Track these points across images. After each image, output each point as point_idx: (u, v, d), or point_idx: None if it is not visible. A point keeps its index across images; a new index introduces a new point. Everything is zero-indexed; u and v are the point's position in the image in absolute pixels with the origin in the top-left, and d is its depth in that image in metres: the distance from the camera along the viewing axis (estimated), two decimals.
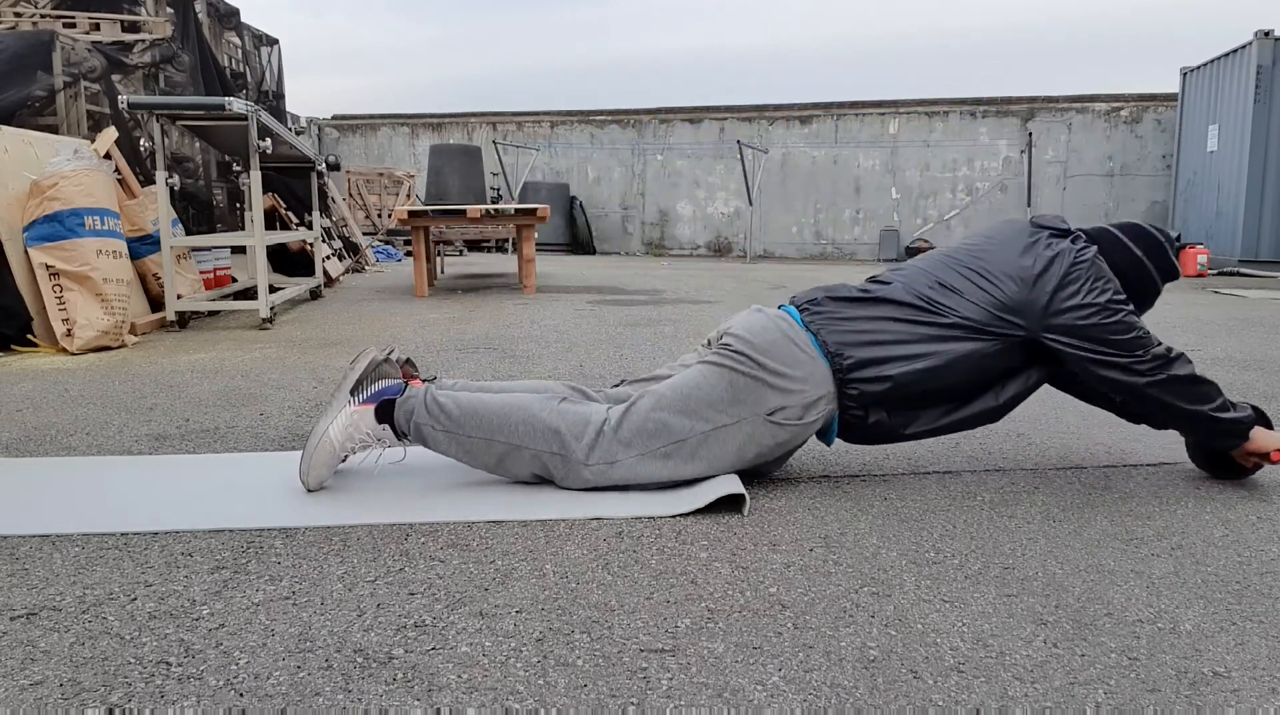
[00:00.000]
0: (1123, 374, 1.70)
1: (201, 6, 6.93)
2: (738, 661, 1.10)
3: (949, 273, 1.79)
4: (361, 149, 13.83)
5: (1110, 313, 1.69)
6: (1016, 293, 1.72)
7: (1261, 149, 8.98)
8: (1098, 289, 1.70)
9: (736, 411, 1.68)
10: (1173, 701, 1.02)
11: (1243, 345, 3.89)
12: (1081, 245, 1.76)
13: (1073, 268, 1.72)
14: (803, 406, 1.69)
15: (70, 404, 2.57)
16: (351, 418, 1.71)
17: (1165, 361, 1.70)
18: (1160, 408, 1.72)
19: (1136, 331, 1.70)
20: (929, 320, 1.73)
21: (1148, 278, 1.82)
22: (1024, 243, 1.78)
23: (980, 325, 1.72)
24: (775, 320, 1.76)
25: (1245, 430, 1.74)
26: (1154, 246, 1.82)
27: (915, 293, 1.77)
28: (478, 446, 1.71)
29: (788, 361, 1.69)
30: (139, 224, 4.37)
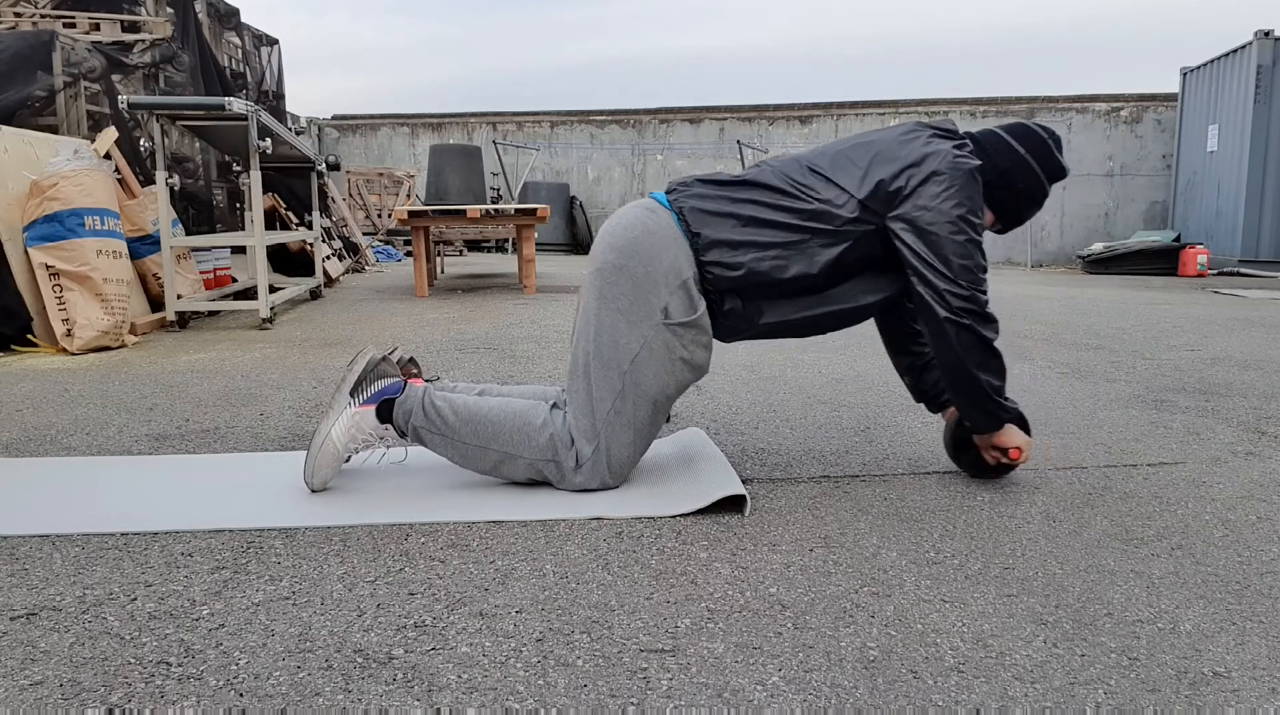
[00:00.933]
0: (934, 297, 1.68)
1: (201, 6, 6.93)
2: (738, 661, 1.10)
3: (823, 158, 1.78)
4: (361, 149, 13.83)
5: (956, 227, 1.67)
6: (882, 179, 1.69)
7: (1261, 149, 8.98)
8: (956, 200, 1.67)
9: (637, 333, 1.68)
10: (1173, 701, 1.02)
11: (1243, 345, 3.89)
12: (963, 155, 1.72)
13: (943, 171, 1.69)
14: (683, 295, 1.68)
15: (70, 404, 2.57)
16: (353, 419, 1.71)
17: (977, 313, 1.68)
18: (948, 353, 1.70)
19: (972, 263, 1.68)
20: (790, 204, 1.71)
21: (1033, 177, 1.79)
22: (903, 135, 1.77)
23: (840, 211, 1.70)
24: (634, 211, 1.76)
25: (1003, 419, 1.76)
26: (1038, 145, 1.79)
27: (783, 175, 1.75)
28: (473, 452, 1.72)
29: (650, 254, 1.69)
30: (139, 224, 4.37)
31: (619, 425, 1.69)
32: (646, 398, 1.69)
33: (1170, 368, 3.27)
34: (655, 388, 1.70)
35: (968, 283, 1.67)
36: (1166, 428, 2.34)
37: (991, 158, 1.78)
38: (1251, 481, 1.87)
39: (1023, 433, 1.80)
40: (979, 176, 1.72)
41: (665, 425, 2.33)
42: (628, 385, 1.68)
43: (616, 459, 1.70)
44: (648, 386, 1.69)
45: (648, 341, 1.68)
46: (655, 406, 1.71)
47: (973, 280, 1.68)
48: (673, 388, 1.72)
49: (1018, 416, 1.79)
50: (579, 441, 1.69)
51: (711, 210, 1.72)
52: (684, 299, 1.69)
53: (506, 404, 1.74)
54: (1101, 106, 11.85)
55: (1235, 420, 2.42)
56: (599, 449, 1.69)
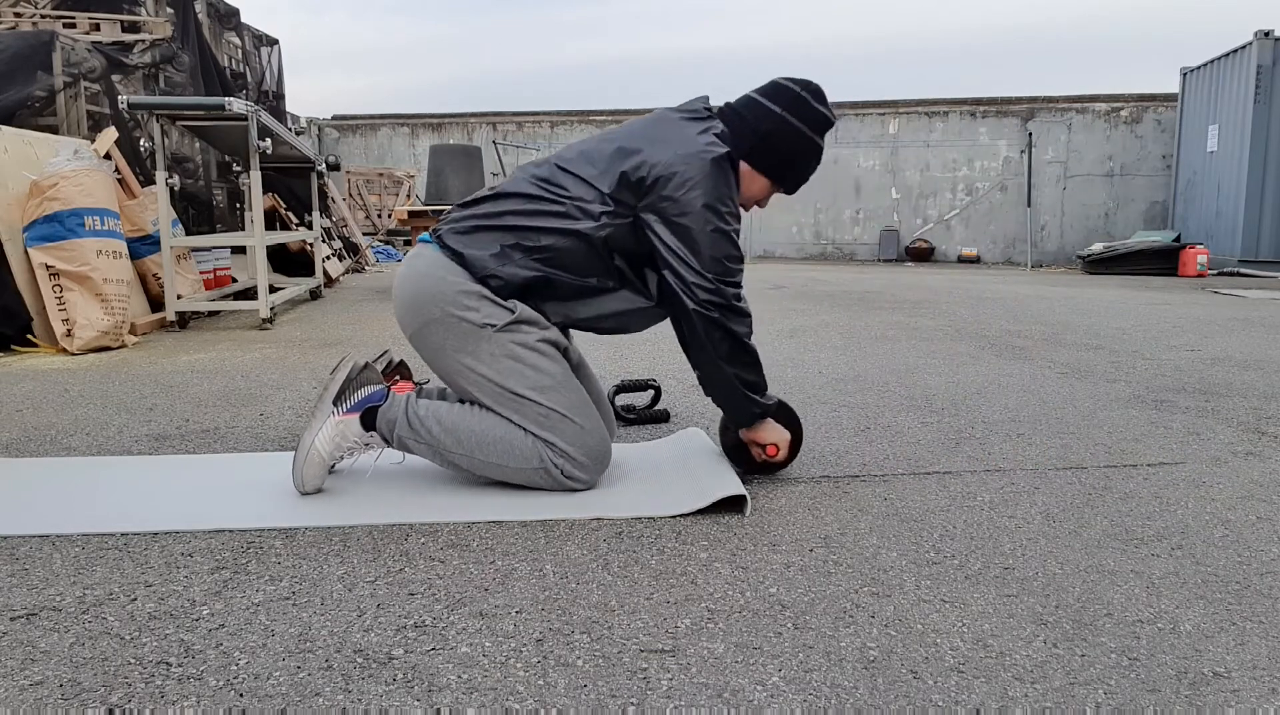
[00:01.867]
0: (681, 289, 1.67)
1: (201, 6, 6.93)
2: (738, 661, 1.10)
3: (573, 154, 1.77)
4: (361, 149, 13.83)
5: (703, 218, 1.65)
6: (627, 170, 1.68)
7: (1261, 149, 8.98)
8: (703, 189, 1.65)
9: (485, 353, 1.68)
10: (1173, 701, 1.02)
11: (1243, 345, 3.89)
12: (709, 141, 1.70)
13: (688, 158, 1.67)
14: (489, 303, 1.68)
15: (70, 404, 2.57)
16: (337, 427, 1.71)
17: (725, 306, 1.68)
18: (697, 346, 1.71)
19: (722, 254, 1.67)
20: (543, 208, 1.71)
21: (795, 132, 1.75)
22: (652, 124, 1.75)
23: (592, 207, 1.69)
24: (404, 268, 1.78)
25: (753, 416, 1.77)
26: (792, 99, 1.75)
27: (535, 180, 1.75)
28: (460, 462, 1.73)
29: (433, 295, 1.69)
30: (139, 224, 4.37)
31: (553, 423, 1.69)
32: (546, 389, 1.69)
33: (1170, 368, 3.27)
34: (544, 378, 1.69)
35: (715, 274, 1.67)
36: (1166, 428, 2.34)
37: (749, 123, 1.74)
38: (1251, 481, 1.87)
39: (780, 429, 1.80)
40: (726, 164, 1.70)
41: (665, 425, 2.33)
42: (523, 393, 1.68)
43: (579, 447, 1.70)
44: (537, 381, 1.69)
45: (498, 353, 1.68)
46: (561, 388, 1.70)
47: (722, 272, 1.68)
48: (556, 367, 1.71)
49: (778, 412, 1.79)
50: (544, 452, 1.69)
51: (469, 228, 1.73)
52: (492, 307, 1.69)
53: (491, 414, 1.72)
54: (1101, 106, 11.85)
55: (1235, 420, 2.42)
56: (562, 452, 1.69)
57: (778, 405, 1.82)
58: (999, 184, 12.23)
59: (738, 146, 1.73)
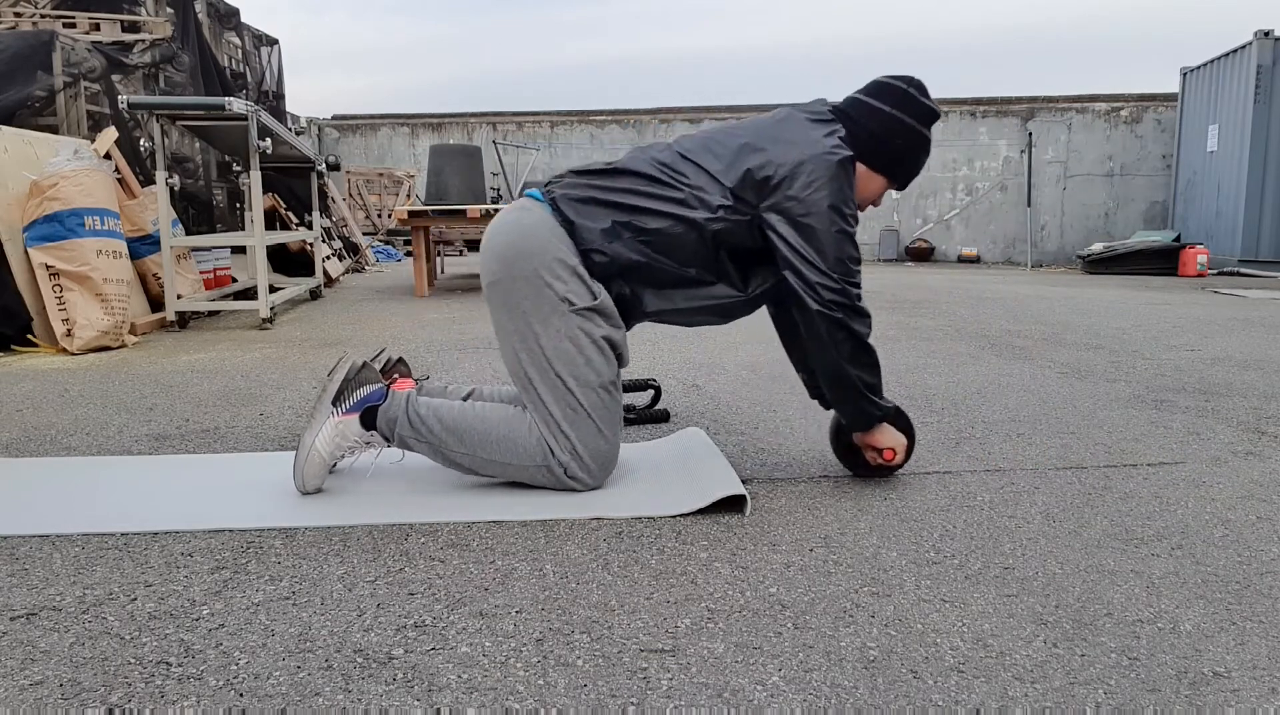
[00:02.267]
0: (805, 289, 1.67)
1: (201, 6, 6.93)
2: (738, 661, 1.10)
3: (696, 144, 1.77)
4: (361, 149, 13.83)
5: (829, 220, 1.66)
6: (753, 168, 1.69)
7: (1261, 149, 8.97)
8: (827, 191, 1.66)
9: (552, 329, 1.68)
10: (1173, 701, 1.02)
11: (1243, 345, 3.89)
12: (834, 143, 1.71)
13: (814, 159, 1.68)
14: (575, 280, 1.68)
15: (70, 404, 2.57)
16: (337, 427, 1.71)
17: (850, 308, 1.68)
18: (819, 346, 1.70)
19: (844, 255, 1.68)
20: (662, 193, 1.71)
21: (905, 128, 1.77)
22: (778, 124, 1.76)
23: (711, 198, 1.69)
24: (508, 214, 1.76)
25: (875, 418, 1.76)
26: (900, 96, 1.77)
27: (656, 162, 1.75)
28: (461, 460, 1.73)
29: (532, 252, 1.69)
30: (139, 224, 4.37)
31: (579, 420, 1.68)
32: (589, 386, 1.69)
33: (1170, 368, 3.27)
34: (591, 374, 1.69)
35: (840, 275, 1.67)
36: (1166, 428, 2.34)
37: (861, 124, 1.76)
38: (1251, 481, 1.87)
39: (897, 433, 1.79)
40: (850, 166, 1.71)
41: (665, 425, 2.33)
42: (566, 380, 1.68)
43: (592, 452, 1.70)
44: (584, 375, 1.69)
45: (563, 332, 1.68)
46: (602, 390, 1.71)
47: (845, 272, 1.68)
48: (607, 369, 1.72)
49: (895, 416, 1.79)
50: (555, 444, 1.69)
51: (584, 198, 1.72)
52: (580, 286, 1.69)
53: (493, 411, 1.73)
54: (1101, 106, 11.85)
55: (1235, 420, 2.42)
56: (573, 450, 1.69)
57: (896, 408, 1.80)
58: (999, 184, 12.23)
59: (854, 148, 1.74)
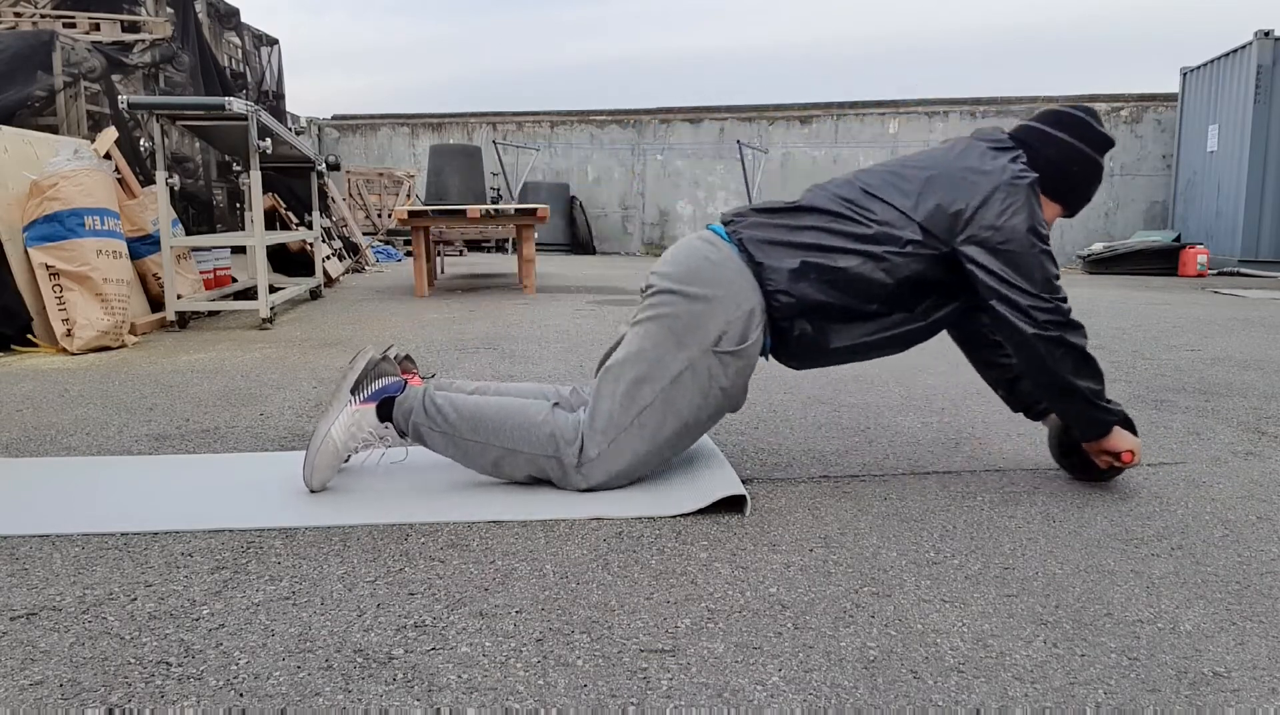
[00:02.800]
0: (1017, 315, 1.67)
1: (201, 6, 6.93)
2: (738, 661, 1.10)
3: (878, 179, 1.78)
4: (361, 149, 13.83)
5: (1028, 242, 1.67)
6: (942, 202, 1.70)
7: (1261, 149, 8.97)
8: (1023, 215, 1.67)
9: (684, 355, 1.68)
10: (1173, 701, 1.02)
11: (1243, 345, 3.89)
12: (1020, 168, 1.73)
13: (1004, 186, 1.69)
14: (741, 324, 1.68)
15: (70, 404, 2.57)
16: (354, 417, 1.71)
17: (1064, 322, 1.68)
18: (1038, 365, 1.69)
19: (1049, 274, 1.68)
20: (850, 229, 1.72)
21: (1084, 158, 1.79)
22: (959, 155, 1.77)
23: (901, 234, 1.70)
24: (694, 242, 1.76)
25: (1107, 426, 1.74)
26: (1079, 126, 1.79)
27: (840, 198, 1.76)
28: (474, 449, 1.72)
29: (710, 281, 1.69)
30: (139, 224, 4.37)
31: (638, 436, 1.68)
32: (677, 417, 1.69)
33: (1170, 368, 3.27)
34: (688, 410, 1.70)
35: (1049, 295, 1.67)
36: (1166, 428, 2.34)
37: (1041, 153, 1.78)
38: (1251, 481, 1.87)
39: (1131, 436, 1.77)
40: (1037, 188, 1.73)
41: None
42: (661, 401, 1.68)
43: (622, 465, 1.69)
44: (681, 407, 1.69)
45: (693, 364, 1.68)
46: (683, 429, 1.71)
47: (1053, 291, 1.68)
48: (705, 415, 1.72)
49: (1123, 418, 1.76)
50: (590, 440, 1.68)
51: (771, 239, 1.73)
52: (740, 328, 1.69)
53: (507, 401, 1.74)
54: (1101, 106, 11.85)
55: (1235, 420, 2.42)
56: (607, 453, 1.68)
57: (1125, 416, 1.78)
58: None
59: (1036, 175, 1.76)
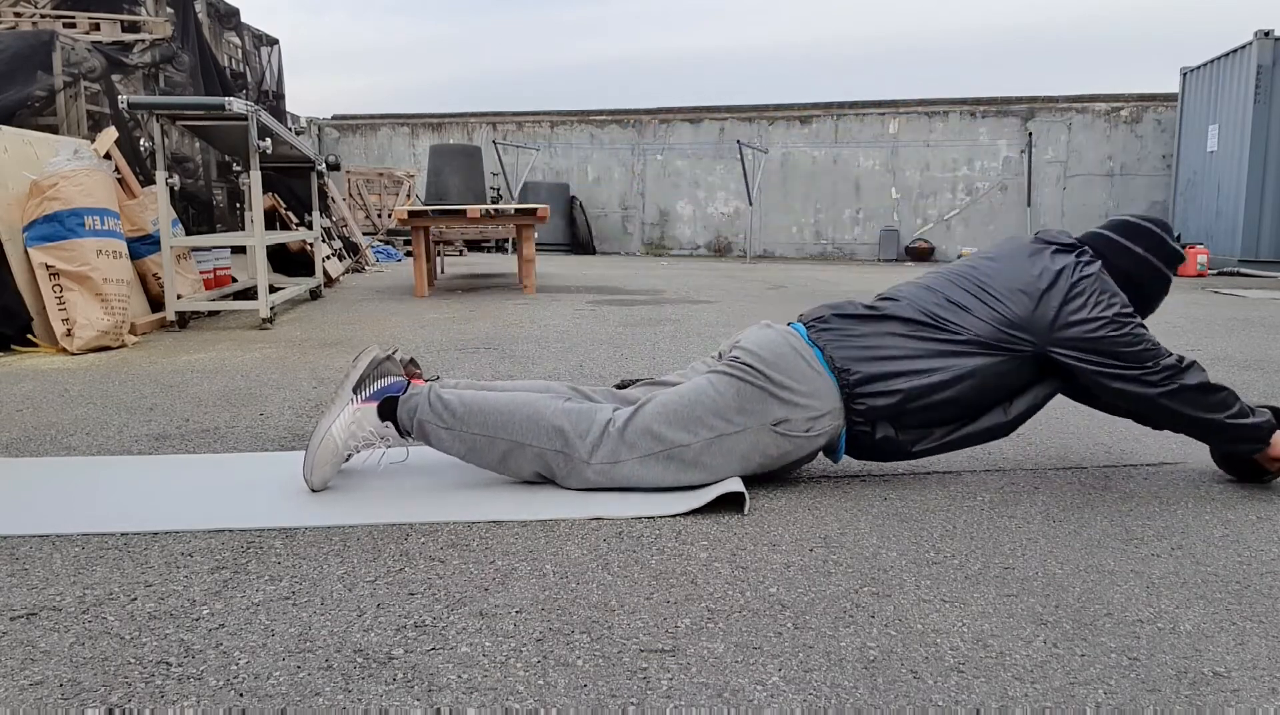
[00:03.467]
0: (1135, 386, 1.69)
1: (201, 6, 6.93)
2: (738, 661, 1.10)
3: (955, 290, 1.79)
4: (361, 149, 13.83)
5: (1118, 326, 1.69)
6: (1024, 308, 1.72)
7: (1261, 149, 8.98)
8: (1104, 302, 1.71)
9: (742, 420, 1.68)
10: (1173, 701, 1.02)
11: (1243, 345, 3.89)
12: (1087, 259, 1.77)
13: (1079, 282, 1.73)
14: (808, 419, 1.69)
15: (70, 404, 2.57)
16: (354, 416, 1.71)
17: (1176, 371, 1.69)
18: (1174, 417, 1.72)
19: (1146, 343, 1.70)
20: (937, 337, 1.74)
21: (1155, 272, 1.83)
22: (1029, 258, 1.79)
23: (989, 341, 1.72)
24: (784, 335, 1.76)
25: (1265, 435, 1.74)
26: (1153, 240, 1.83)
27: (922, 310, 1.78)
28: (481, 443, 1.71)
29: (795, 376, 1.69)
30: (139, 224, 4.37)
31: (664, 467, 1.67)
32: (705, 470, 1.68)
33: None
34: (720, 466, 1.69)
35: (1154, 360, 1.69)
36: None
37: (1111, 262, 1.81)
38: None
39: None
40: (1107, 271, 1.76)
41: None
42: (699, 448, 1.67)
43: (634, 478, 1.69)
44: (714, 462, 1.68)
45: (746, 431, 1.68)
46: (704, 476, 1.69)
47: (1155, 354, 1.70)
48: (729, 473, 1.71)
49: (1276, 423, 1.75)
50: (617, 444, 1.66)
51: (859, 347, 1.74)
52: (808, 422, 1.69)
53: (514, 396, 1.74)
54: (1101, 106, 11.86)
55: None
56: (626, 467, 1.67)
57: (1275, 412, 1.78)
58: (999, 184, 12.24)
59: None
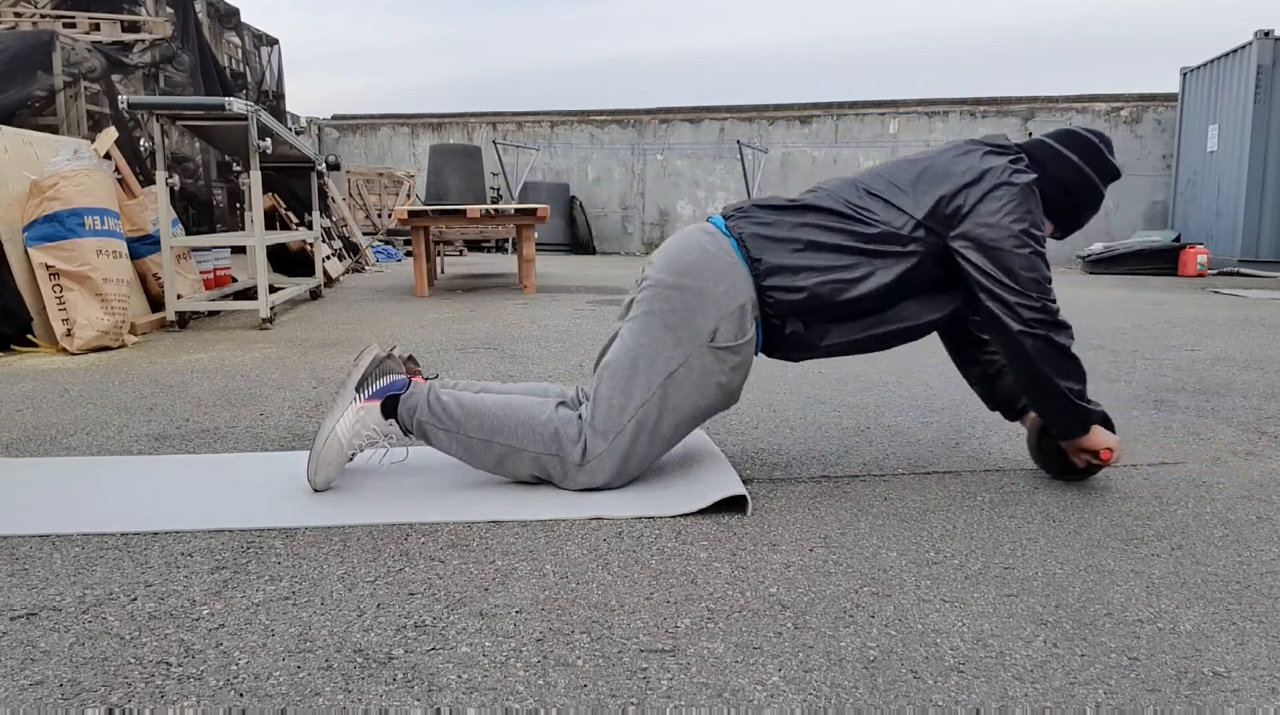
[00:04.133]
0: (1005, 314, 1.68)
1: (201, 6, 6.93)
2: (738, 661, 1.10)
3: (879, 182, 1.79)
4: (361, 149, 13.83)
5: (1020, 242, 1.68)
6: (942, 198, 1.71)
7: (1261, 149, 8.97)
8: (1017, 215, 1.69)
9: (681, 350, 1.68)
10: (1173, 701, 1.02)
11: (1243, 345, 3.89)
12: (1020, 168, 1.74)
13: (1001, 186, 1.70)
14: (736, 320, 1.69)
15: (70, 404, 2.57)
16: (358, 414, 1.71)
17: (1050, 322, 1.69)
18: (1023, 363, 1.71)
19: (1038, 275, 1.69)
20: (852, 228, 1.73)
21: (1089, 183, 1.80)
22: (959, 157, 1.78)
23: (900, 232, 1.71)
24: (693, 234, 1.77)
25: (1089, 422, 1.75)
26: (1091, 151, 1.80)
27: (842, 200, 1.77)
28: (478, 447, 1.72)
29: (708, 276, 1.70)
30: (139, 224, 4.37)
31: (639, 432, 1.69)
32: (674, 413, 1.70)
33: (1170, 368, 3.27)
34: (685, 406, 1.70)
35: (1038, 294, 1.68)
36: (1166, 428, 2.34)
37: (1046, 168, 1.79)
38: (1251, 481, 1.87)
39: (1110, 433, 1.78)
40: (1036, 189, 1.74)
41: None
42: (659, 397, 1.68)
43: (625, 462, 1.70)
44: (678, 403, 1.70)
45: (689, 360, 1.68)
46: (679, 424, 1.72)
47: (1042, 291, 1.69)
48: (701, 410, 1.73)
49: (1102, 417, 1.78)
50: (592, 438, 1.68)
51: (771, 236, 1.73)
52: (735, 324, 1.69)
53: (512, 399, 1.75)
54: (1101, 106, 11.85)
55: (1235, 420, 2.42)
56: (610, 450, 1.68)
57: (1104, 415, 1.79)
58: None
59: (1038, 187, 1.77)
